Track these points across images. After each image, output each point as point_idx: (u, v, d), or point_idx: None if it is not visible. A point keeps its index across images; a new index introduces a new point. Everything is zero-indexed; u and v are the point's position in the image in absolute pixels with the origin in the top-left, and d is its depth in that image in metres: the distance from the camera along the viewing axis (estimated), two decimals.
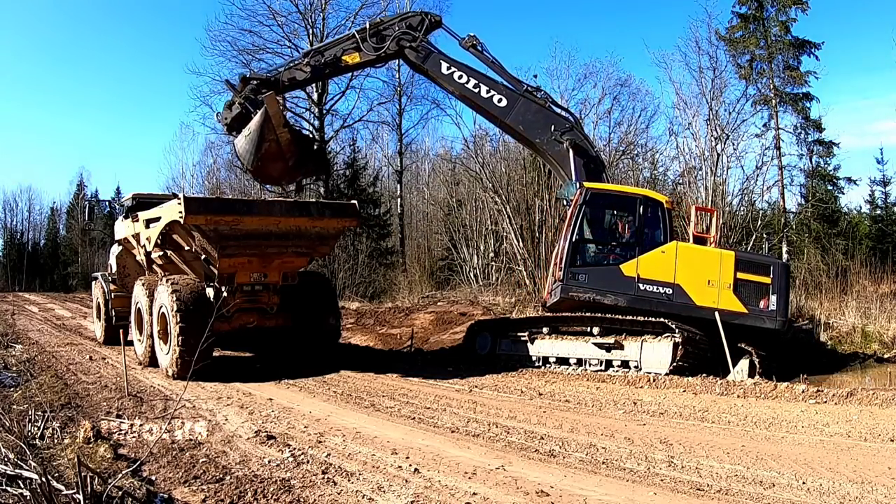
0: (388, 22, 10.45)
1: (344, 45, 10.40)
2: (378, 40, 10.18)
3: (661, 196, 10.23)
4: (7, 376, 9.10)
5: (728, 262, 9.60)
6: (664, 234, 9.88)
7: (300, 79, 10.38)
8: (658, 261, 9.67)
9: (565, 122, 10.18)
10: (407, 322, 16.69)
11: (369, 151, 34.38)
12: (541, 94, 10.38)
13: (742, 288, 9.51)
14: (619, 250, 10.04)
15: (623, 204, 10.29)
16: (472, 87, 10.05)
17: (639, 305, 9.61)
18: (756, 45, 21.59)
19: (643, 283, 9.63)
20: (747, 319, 9.43)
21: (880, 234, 25.23)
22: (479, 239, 24.61)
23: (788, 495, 4.24)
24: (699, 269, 9.62)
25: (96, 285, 14.26)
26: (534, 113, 10.10)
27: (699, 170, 19.78)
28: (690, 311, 9.44)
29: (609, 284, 9.74)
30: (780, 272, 9.73)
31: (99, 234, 43.33)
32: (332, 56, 10.32)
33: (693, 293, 9.53)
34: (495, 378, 9.42)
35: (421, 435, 6.00)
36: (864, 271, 15.95)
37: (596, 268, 9.96)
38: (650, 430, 6.19)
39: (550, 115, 10.22)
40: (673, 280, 9.58)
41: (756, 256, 10.89)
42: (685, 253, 9.74)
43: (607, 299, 9.71)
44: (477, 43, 10.01)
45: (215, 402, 7.62)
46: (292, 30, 25.90)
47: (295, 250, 9.66)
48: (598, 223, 10.41)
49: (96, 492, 3.89)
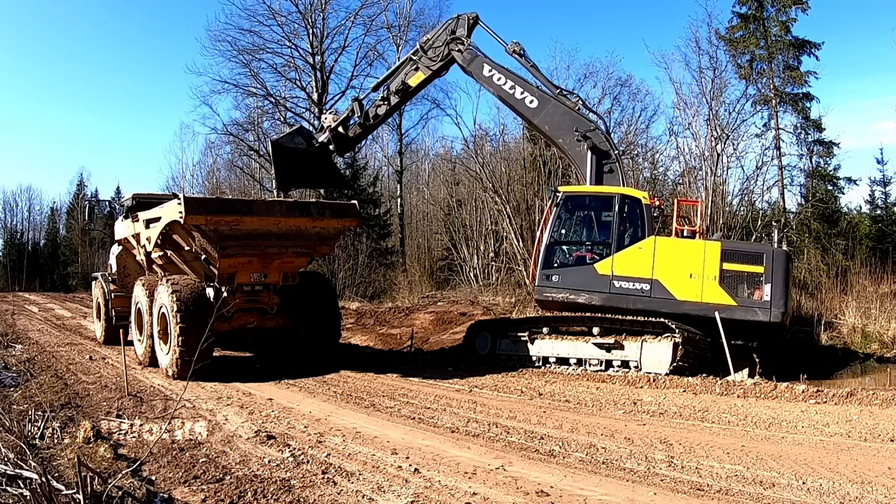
0: (434, 36, 11.33)
1: (405, 70, 11.44)
2: (432, 55, 11.14)
3: (640, 193, 10.14)
4: (7, 376, 9.10)
5: (713, 254, 9.35)
6: (643, 230, 9.76)
7: (381, 113, 11.59)
8: (635, 257, 9.65)
9: (590, 125, 10.35)
10: (407, 322, 16.68)
11: (369, 151, 34.36)
12: (573, 98, 10.88)
13: (730, 279, 9.24)
14: (594, 249, 10.12)
15: (600, 204, 10.28)
16: (507, 88, 10.72)
17: (614, 303, 9.63)
18: (756, 45, 21.57)
19: (618, 281, 9.64)
20: (736, 313, 9.14)
21: (880, 234, 25.17)
22: (479, 239, 24.61)
23: (788, 495, 4.24)
24: (680, 262, 9.44)
25: (96, 285, 14.26)
26: (561, 115, 10.49)
27: (699, 170, 19.79)
28: (671, 306, 9.28)
29: (584, 284, 9.85)
30: (775, 260, 9.28)
31: (99, 234, 43.29)
32: (400, 83, 11.39)
33: (673, 288, 9.37)
34: (495, 378, 9.41)
35: (421, 435, 6.00)
36: (864, 271, 15.93)
37: (571, 268, 10.11)
38: (650, 430, 6.19)
39: (576, 118, 10.44)
40: (651, 276, 9.47)
41: (746, 245, 10.47)
42: (664, 247, 9.59)
43: (581, 298, 9.80)
44: (519, 49, 10.74)
45: (215, 402, 7.62)
46: (292, 30, 25.96)
47: (295, 250, 9.66)
48: (575, 225, 10.52)
49: (96, 492, 3.89)
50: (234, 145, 28.59)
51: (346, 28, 26.68)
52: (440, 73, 11.46)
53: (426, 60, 11.17)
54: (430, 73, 11.31)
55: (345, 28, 26.68)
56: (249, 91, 26.38)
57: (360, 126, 11.73)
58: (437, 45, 11.15)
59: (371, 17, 26.92)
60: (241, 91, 26.21)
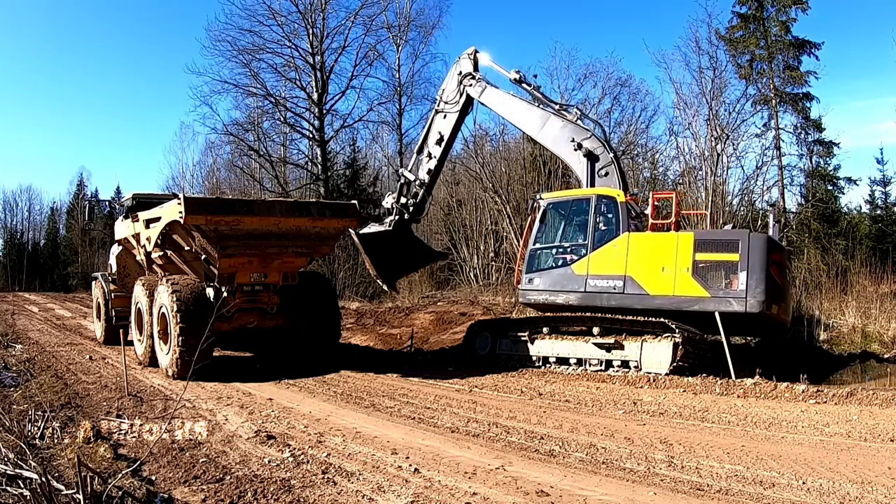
0: (446, 83, 12.14)
1: (436, 123, 12.14)
2: (449, 99, 11.92)
3: (614, 191, 10.08)
4: (7, 376, 9.10)
5: (686, 245, 9.01)
6: (618, 228, 9.74)
7: (432, 167, 12.16)
8: (609, 255, 9.66)
9: (586, 133, 10.60)
10: (407, 322, 16.68)
11: (369, 151, 34.39)
12: (572, 111, 11.29)
13: (703, 270, 8.88)
14: (573, 251, 10.19)
15: (578, 206, 10.38)
16: (514, 111, 11.49)
17: (588, 302, 9.68)
18: (756, 45, 21.58)
19: (592, 279, 9.69)
20: (709, 304, 8.76)
21: (880, 234, 25.17)
22: (479, 239, 24.59)
23: (788, 495, 4.24)
24: (653, 257, 9.30)
25: (96, 285, 14.26)
26: (559, 129, 10.84)
27: (699, 170, 19.78)
28: (644, 302, 9.19)
29: (562, 285, 10.02)
30: (751, 246, 8.72)
31: (99, 234, 43.32)
32: (437, 135, 12.05)
33: (646, 283, 9.25)
34: (495, 378, 9.41)
35: (421, 435, 6.00)
36: (864, 271, 15.91)
37: (551, 270, 10.27)
38: (650, 430, 6.19)
39: (574, 128, 10.71)
40: (624, 272, 9.42)
41: (719, 232, 9.95)
42: (637, 242, 9.50)
43: (559, 299, 9.98)
44: (519, 76, 11.50)
45: (215, 402, 7.62)
46: (292, 30, 25.95)
47: (295, 250, 9.67)
48: (557, 228, 10.62)
49: (96, 492, 3.89)
50: (234, 145, 28.59)
51: (346, 28, 26.70)
52: (465, 111, 12.02)
53: (448, 107, 11.92)
54: (458, 115, 11.92)
55: (345, 28, 26.71)
56: (249, 91, 26.39)
57: (420, 186, 12.14)
58: (450, 88, 11.92)
59: (371, 17, 26.96)
60: (241, 91, 26.22)
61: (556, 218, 10.64)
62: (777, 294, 8.90)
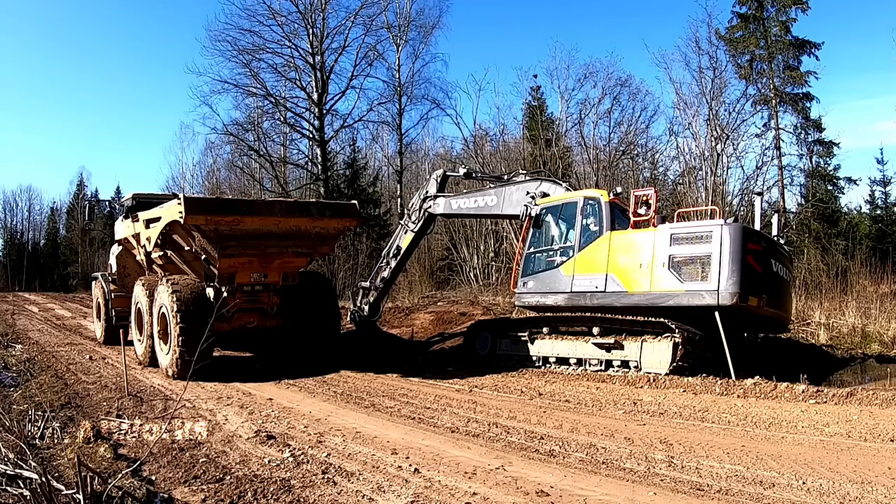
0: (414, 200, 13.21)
1: (398, 236, 13.33)
2: (414, 217, 12.90)
3: (599, 191, 10.29)
4: (7, 376, 9.10)
5: (662, 240, 8.97)
6: (602, 227, 9.77)
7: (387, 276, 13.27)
8: (593, 255, 9.73)
9: (537, 183, 11.26)
10: (407, 322, 16.68)
11: (369, 151, 34.43)
12: (521, 174, 11.96)
13: (677, 264, 8.80)
14: (562, 253, 10.28)
15: (567, 210, 10.48)
16: (472, 205, 12.20)
17: (574, 303, 9.79)
18: (756, 45, 21.61)
19: (577, 280, 9.76)
20: (683, 298, 8.64)
21: (880, 234, 25.18)
22: (479, 239, 24.60)
23: (788, 495, 4.24)
24: (632, 254, 9.31)
25: (96, 285, 14.26)
26: (513, 193, 11.49)
27: (699, 170, 19.82)
28: (623, 299, 9.19)
29: (552, 286, 10.17)
30: (724, 236, 8.49)
31: (99, 234, 43.34)
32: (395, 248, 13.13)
33: (625, 280, 9.24)
34: (495, 378, 9.41)
35: (421, 435, 6.00)
36: (864, 271, 15.93)
37: (543, 273, 10.44)
38: (650, 430, 6.18)
39: (526, 186, 11.33)
40: (605, 271, 9.45)
41: (693, 224, 9.71)
42: (618, 240, 9.51)
43: (549, 300, 10.16)
44: (469, 171, 12.99)
45: (215, 402, 7.62)
46: (292, 30, 25.98)
47: (295, 250, 9.66)
48: (549, 234, 10.73)
49: (96, 492, 3.89)
50: (234, 145, 28.60)
51: (346, 28, 26.73)
52: (426, 229, 13.07)
53: (410, 224, 12.94)
54: (416, 234, 12.90)
55: (345, 28, 26.74)
56: (249, 91, 26.42)
57: (375, 290, 13.37)
58: (416, 206, 12.91)
59: (371, 17, 26.99)
60: (241, 91, 26.26)
61: (548, 222, 10.76)
62: (756, 285, 8.56)
